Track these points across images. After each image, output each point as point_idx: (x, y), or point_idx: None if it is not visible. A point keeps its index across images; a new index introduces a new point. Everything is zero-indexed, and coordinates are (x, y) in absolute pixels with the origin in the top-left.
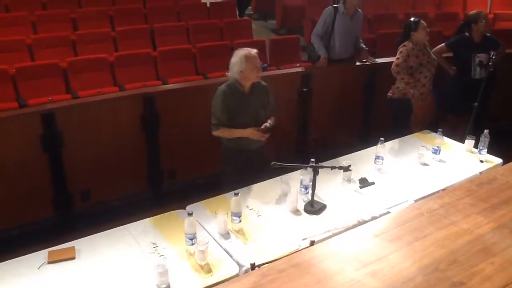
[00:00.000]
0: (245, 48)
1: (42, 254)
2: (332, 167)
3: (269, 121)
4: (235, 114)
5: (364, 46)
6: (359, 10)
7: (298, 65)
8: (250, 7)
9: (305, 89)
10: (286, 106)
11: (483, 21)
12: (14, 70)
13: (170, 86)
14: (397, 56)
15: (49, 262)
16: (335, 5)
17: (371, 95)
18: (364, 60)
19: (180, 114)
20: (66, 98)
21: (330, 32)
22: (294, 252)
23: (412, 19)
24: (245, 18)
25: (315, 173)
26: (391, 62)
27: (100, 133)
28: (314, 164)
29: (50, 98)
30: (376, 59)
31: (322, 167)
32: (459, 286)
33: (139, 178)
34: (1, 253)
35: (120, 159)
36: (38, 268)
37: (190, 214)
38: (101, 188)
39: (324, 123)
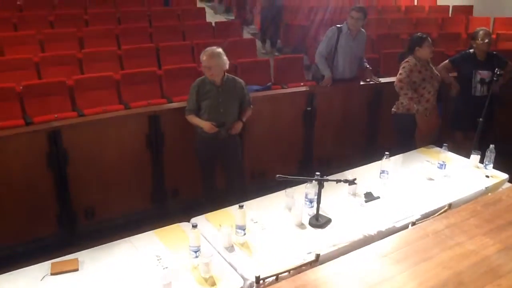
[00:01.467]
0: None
1: (45, 266)
2: (338, 181)
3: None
4: (207, 103)
5: (368, 66)
6: (363, 30)
7: (302, 84)
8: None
9: (309, 108)
10: (290, 125)
11: (482, 38)
12: (21, 88)
13: (175, 105)
14: (399, 71)
15: (52, 274)
16: (339, 26)
17: (376, 114)
18: (368, 80)
19: (184, 132)
20: (72, 115)
21: (334, 52)
22: (299, 266)
23: (418, 34)
24: (249, 37)
25: (320, 186)
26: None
27: (105, 151)
28: (319, 177)
29: (56, 116)
30: (380, 79)
31: (327, 180)
32: None
33: (144, 196)
34: (6, 268)
35: (125, 177)
36: (41, 280)
37: (194, 226)
38: (105, 206)
39: (328, 142)
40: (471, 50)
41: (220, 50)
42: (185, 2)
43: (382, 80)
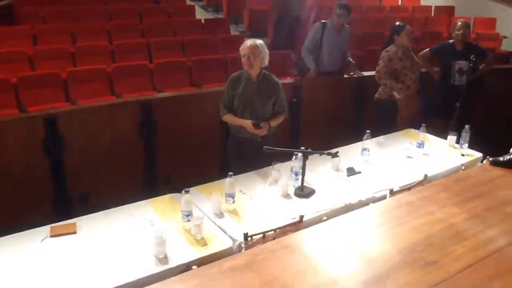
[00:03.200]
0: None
1: (44, 229)
2: (321, 153)
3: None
4: (241, 101)
5: (351, 60)
6: (347, 26)
7: (288, 78)
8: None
9: (294, 100)
10: None
11: (458, 28)
12: (15, 79)
13: (167, 94)
14: (378, 62)
15: (52, 236)
16: (324, 21)
17: (360, 105)
18: (351, 73)
19: (177, 121)
20: (66, 106)
21: (319, 46)
22: (285, 226)
23: (397, 23)
24: (238, 34)
25: (305, 158)
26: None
27: (99, 139)
28: (304, 150)
29: (50, 106)
30: (363, 72)
31: (312, 152)
32: (432, 265)
33: (136, 183)
34: None
35: (118, 164)
36: (41, 241)
37: (187, 192)
38: (99, 192)
39: (314, 133)
40: (451, 41)
41: (262, 41)
42: (175, 0)
43: (365, 73)
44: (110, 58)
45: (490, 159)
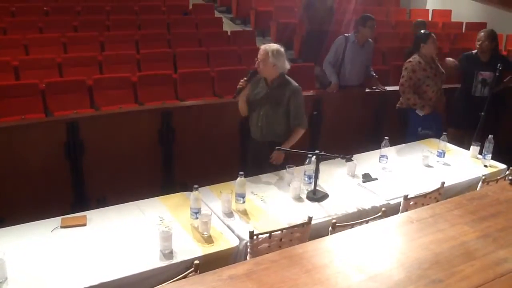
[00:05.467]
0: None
1: (56, 220)
2: (335, 156)
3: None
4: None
5: (374, 74)
6: (370, 40)
7: (311, 91)
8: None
9: (315, 113)
10: None
11: (481, 39)
12: (43, 85)
13: (187, 103)
14: (402, 74)
15: (62, 227)
16: (346, 35)
17: (381, 120)
18: (374, 87)
19: (195, 129)
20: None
21: (341, 60)
22: (292, 227)
23: (422, 31)
24: None
25: (318, 160)
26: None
27: (119, 144)
28: (317, 152)
29: (75, 111)
30: (386, 87)
31: (325, 155)
32: (437, 283)
33: (154, 189)
34: None
35: (136, 170)
36: (52, 231)
37: (196, 189)
38: (116, 197)
39: (334, 146)
40: (473, 51)
41: (279, 47)
42: (204, 12)
43: (388, 88)
44: (136, 67)
45: (510, 177)
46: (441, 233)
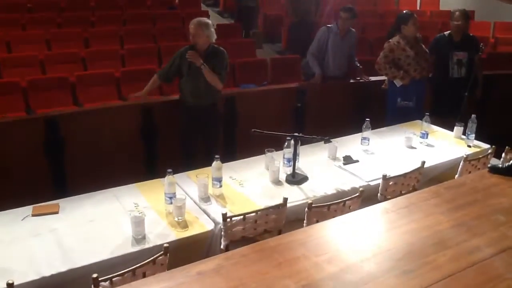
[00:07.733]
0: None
1: (27, 209)
2: (313, 138)
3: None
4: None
5: (358, 65)
6: (353, 30)
7: (294, 83)
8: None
9: (299, 105)
10: (281, 120)
11: (455, 19)
12: (25, 83)
13: (166, 98)
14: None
15: (33, 215)
16: (329, 26)
17: (365, 110)
18: (358, 78)
19: (177, 123)
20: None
21: (324, 51)
22: (267, 208)
23: (404, 11)
24: (250, 39)
25: (296, 143)
26: (384, 80)
27: (100, 141)
28: (295, 134)
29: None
30: (370, 77)
31: (304, 137)
32: (408, 273)
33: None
34: None
35: (119, 165)
36: (22, 219)
37: (169, 173)
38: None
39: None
40: (446, 33)
41: (207, 20)
42: (190, 6)
43: (372, 78)
44: (120, 63)
45: (489, 165)
46: (416, 223)
